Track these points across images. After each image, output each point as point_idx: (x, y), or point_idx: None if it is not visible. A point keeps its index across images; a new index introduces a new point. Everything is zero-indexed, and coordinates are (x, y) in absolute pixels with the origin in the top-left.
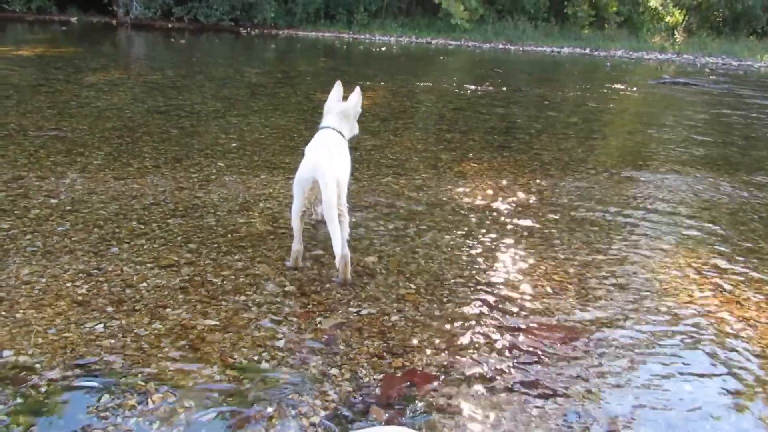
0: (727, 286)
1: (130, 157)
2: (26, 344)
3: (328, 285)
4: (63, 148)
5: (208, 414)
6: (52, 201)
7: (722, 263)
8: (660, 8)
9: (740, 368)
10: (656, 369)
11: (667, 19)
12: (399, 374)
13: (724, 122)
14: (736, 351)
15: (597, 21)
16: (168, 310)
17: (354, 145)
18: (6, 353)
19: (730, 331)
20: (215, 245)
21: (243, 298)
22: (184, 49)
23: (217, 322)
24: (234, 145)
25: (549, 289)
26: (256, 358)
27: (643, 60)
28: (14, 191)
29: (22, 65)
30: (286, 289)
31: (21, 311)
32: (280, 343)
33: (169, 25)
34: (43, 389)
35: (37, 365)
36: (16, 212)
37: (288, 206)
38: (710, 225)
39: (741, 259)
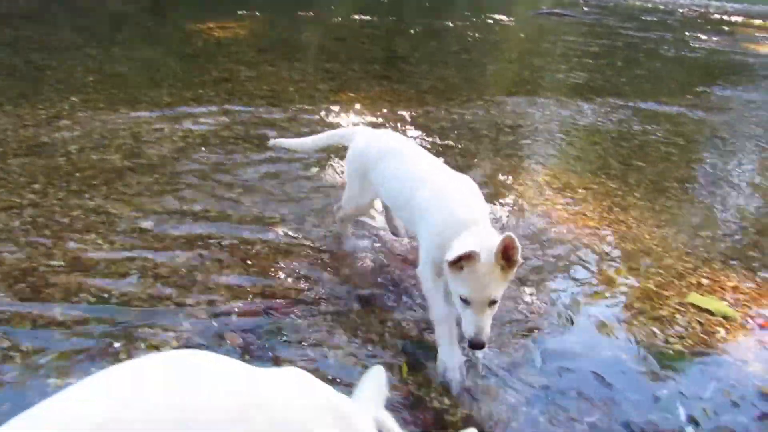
0: None
1: None
2: None
3: None
4: None
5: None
6: None
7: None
8: None
9: None
10: None
11: None
12: None
13: (590, 51)
14: None
15: None
16: (6, 254)
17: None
18: None
19: None
20: (64, 185)
21: (94, 236)
22: None
23: (63, 263)
24: (91, 79)
25: None
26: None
27: None
28: None
29: None
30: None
31: None
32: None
33: None
34: None
35: None
36: None
37: (147, 143)
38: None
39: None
